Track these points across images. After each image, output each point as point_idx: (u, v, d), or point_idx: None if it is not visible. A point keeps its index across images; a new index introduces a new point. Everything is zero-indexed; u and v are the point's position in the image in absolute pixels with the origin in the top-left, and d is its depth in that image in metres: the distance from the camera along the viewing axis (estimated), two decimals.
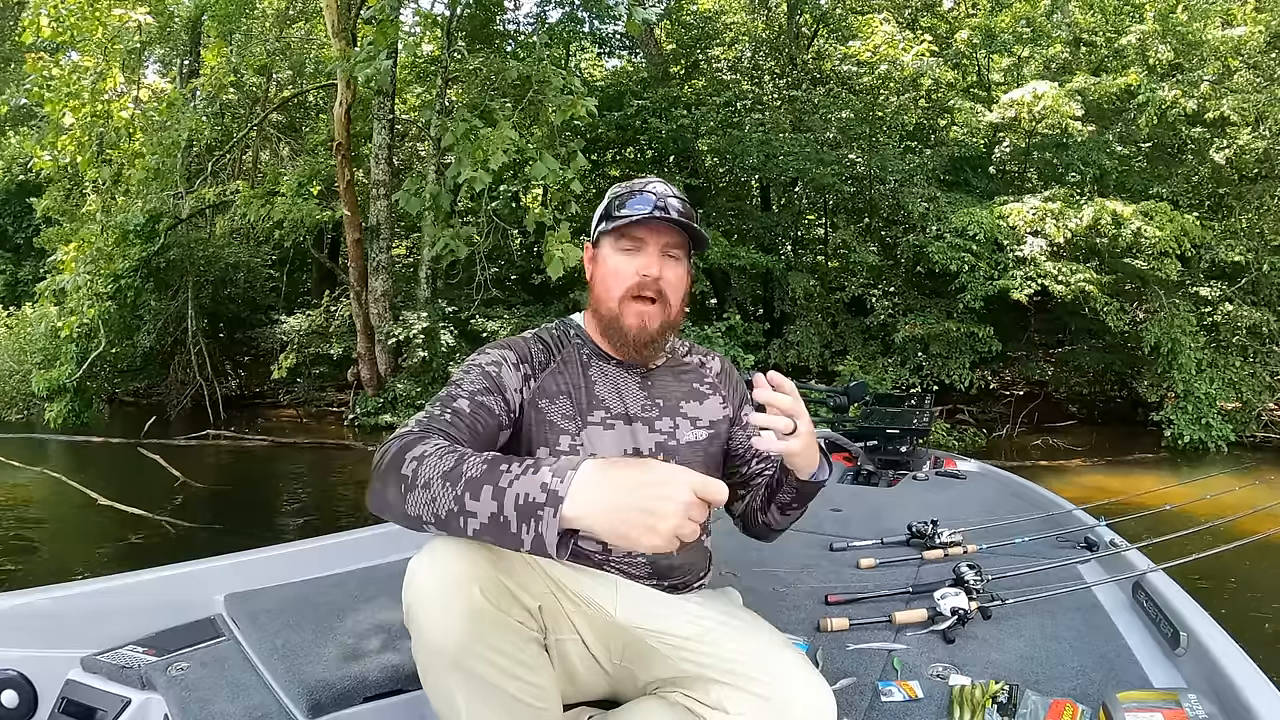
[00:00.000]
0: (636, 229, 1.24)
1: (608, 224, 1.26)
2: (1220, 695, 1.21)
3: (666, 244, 1.24)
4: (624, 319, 1.24)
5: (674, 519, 0.81)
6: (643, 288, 1.23)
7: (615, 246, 1.25)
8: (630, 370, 1.29)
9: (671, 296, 1.25)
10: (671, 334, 1.30)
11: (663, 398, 1.28)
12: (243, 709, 1.24)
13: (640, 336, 1.24)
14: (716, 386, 1.35)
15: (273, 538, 4.61)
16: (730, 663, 1.06)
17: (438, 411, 1.09)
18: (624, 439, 1.23)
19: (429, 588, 0.95)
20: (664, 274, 1.24)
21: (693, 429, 1.28)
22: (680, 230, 1.25)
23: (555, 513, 0.82)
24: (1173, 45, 8.81)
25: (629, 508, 0.82)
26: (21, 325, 10.37)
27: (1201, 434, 8.09)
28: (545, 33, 9.39)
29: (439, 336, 9.02)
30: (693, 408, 1.30)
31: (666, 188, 1.27)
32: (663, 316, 1.25)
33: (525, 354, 1.25)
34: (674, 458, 1.23)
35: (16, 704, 1.33)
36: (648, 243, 1.24)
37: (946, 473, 3.12)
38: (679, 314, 1.29)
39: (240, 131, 11.18)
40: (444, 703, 0.98)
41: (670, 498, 0.82)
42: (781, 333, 10.09)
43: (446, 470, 0.89)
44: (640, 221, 1.22)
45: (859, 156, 10.34)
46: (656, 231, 1.24)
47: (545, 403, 1.21)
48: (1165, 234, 7.93)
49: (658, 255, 1.24)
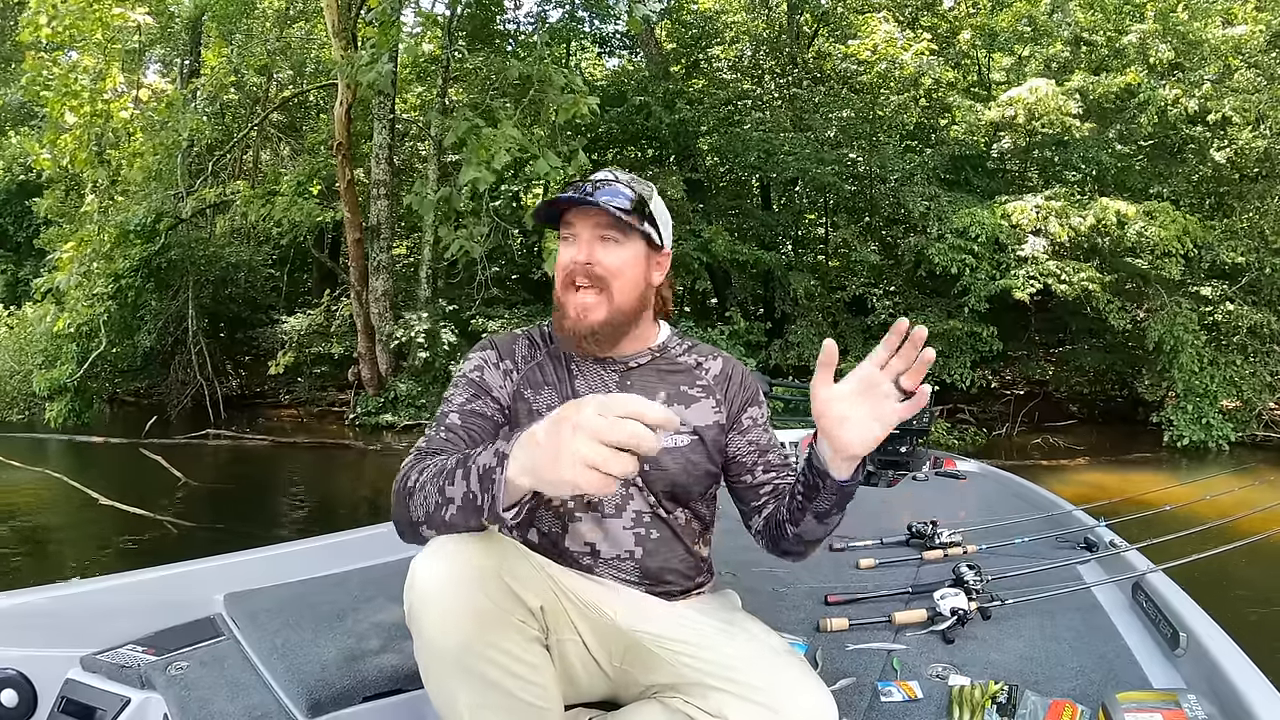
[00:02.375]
0: (567, 216, 1.21)
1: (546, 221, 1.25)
2: (1220, 696, 1.21)
3: (597, 224, 1.18)
4: (565, 310, 1.21)
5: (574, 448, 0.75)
6: (573, 275, 1.19)
7: (560, 239, 1.23)
8: (609, 367, 1.25)
9: (613, 282, 1.18)
10: (627, 325, 1.22)
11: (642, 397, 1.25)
12: (242, 708, 1.24)
13: (578, 328, 1.19)
14: (711, 389, 1.26)
15: (273, 537, 4.62)
16: (730, 669, 1.06)
17: (434, 432, 1.14)
18: None
19: (431, 587, 0.95)
20: (596, 258, 1.18)
21: (670, 434, 1.17)
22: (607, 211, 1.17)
23: (503, 471, 0.83)
24: (1173, 44, 8.79)
25: (543, 447, 0.80)
26: (22, 325, 10.39)
27: (1202, 434, 8.09)
28: (546, 32, 9.38)
29: (440, 336, 9.03)
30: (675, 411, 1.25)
31: (609, 172, 1.23)
32: (607, 306, 1.18)
33: (508, 350, 1.26)
34: (646, 462, 1.11)
35: (16, 703, 1.33)
36: (577, 227, 1.20)
37: (946, 473, 3.11)
38: (634, 303, 1.22)
39: (241, 131, 11.18)
40: (446, 703, 0.98)
41: (576, 425, 0.76)
42: (782, 332, 10.09)
43: (435, 472, 0.96)
44: (564, 208, 1.20)
45: (859, 155, 10.34)
46: (584, 214, 1.19)
47: (530, 393, 1.22)
48: (1168, 234, 7.93)
49: (588, 240, 1.19)
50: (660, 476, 1.20)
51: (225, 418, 9.72)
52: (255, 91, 11.89)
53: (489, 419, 1.17)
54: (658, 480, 1.20)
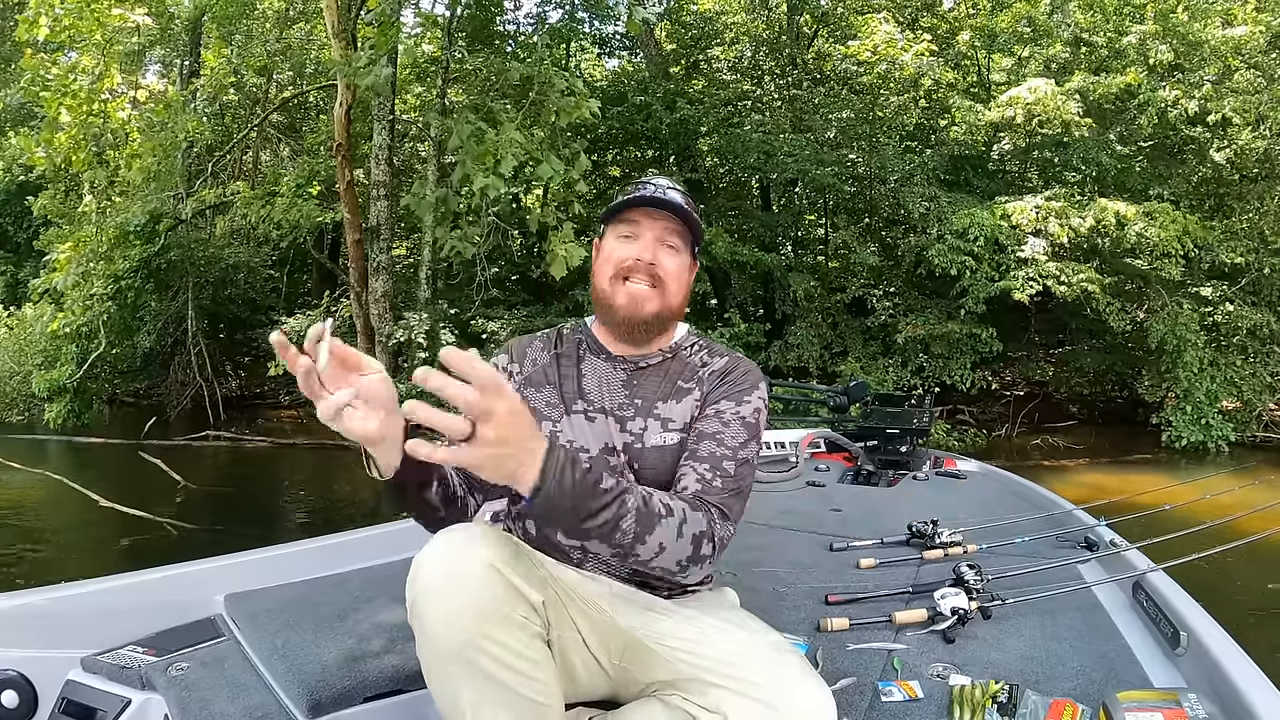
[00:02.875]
0: (632, 213, 1.26)
1: (609, 215, 1.29)
2: (1220, 695, 1.21)
3: (664, 229, 1.26)
4: (615, 299, 1.25)
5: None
6: (634, 270, 1.24)
7: (614, 234, 1.28)
8: (619, 366, 1.29)
9: (669, 285, 1.26)
10: (670, 325, 1.31)
11: (642, 397, 1.26)
12: (243, 709, 1.24)
13: (635, 315, 1.24)
14: (702, 382, 1.27)
15: (273, 538, 4.61)
16: (729, 666, 1.06)
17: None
18: (602, 433, 1.24)
19: (434, 583, 0.96)
20: (660, 261, 1.25)
21: (662, 431, 1.22)
22: (677, 219, 1.26)
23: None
24: (1173, 45, 8.80)
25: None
26: (22, 326, 10.38)
27: (1202, 434, 8.09)
28: (546, 33, 9.38)
29: (439, 337, 9.02)
30: (668, 408, 1.24)
31: (669, 181, 1.30)
32: (661, 302, 1.25)
33: (520, 354, 1.32)
34: (638, 461, 1.21)
35: (16, 704, 1.33)
36: (643, 227, 1.25)
37: (946, 473, 3.12)
38: (680, 306, 1.30)
39: (240, 132, 11.17)
40: (448, 698, 0.98)
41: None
42: (782, 334, 10.08)
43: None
44: (635, 205, 1.25)
45: (859, 156, 10.33)
46: (652, 217, 1.25)
47: (530, 391, 1.27)
48: (1167, 235, 7.93)
49: (653, 241, 1.25)
50: (649, 473, 1.21)
51: (225, 419, 9.71)
52: (255, 92, 11.88)
53: None
54: (647, 477, 1.21)
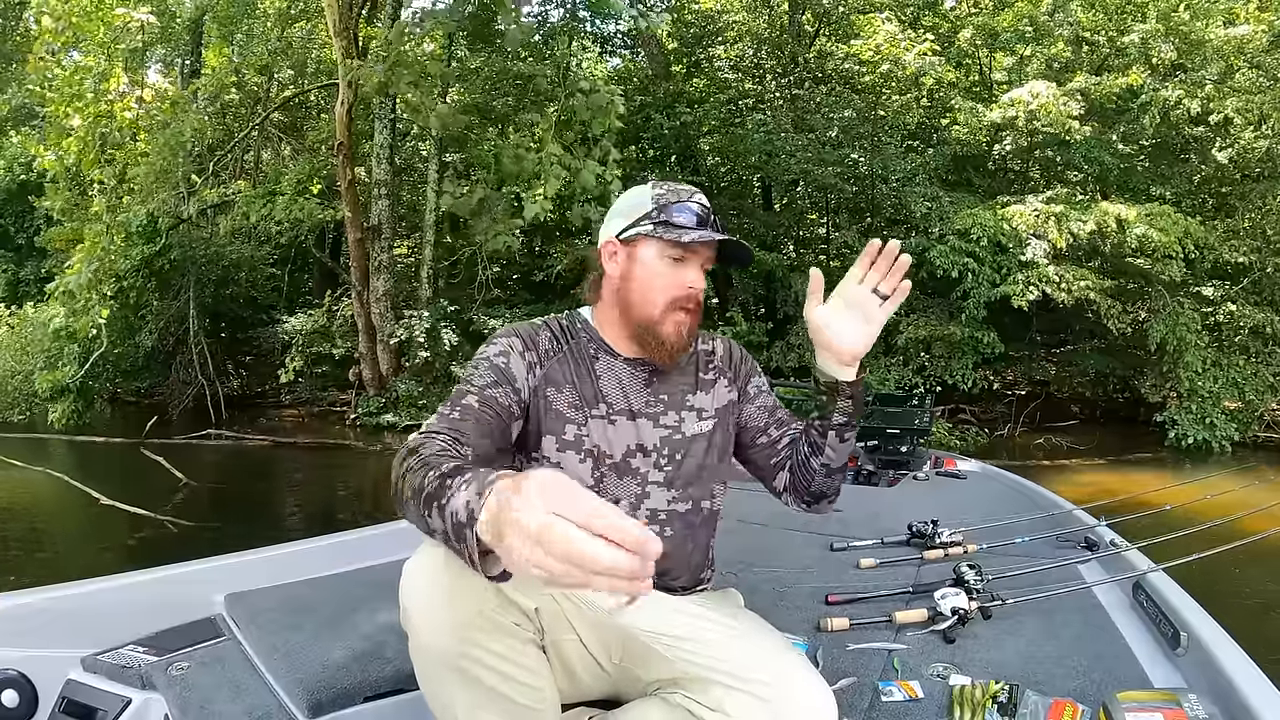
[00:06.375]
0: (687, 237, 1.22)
1: (656, 229, 1.21)
2: (1220, 695, 1.21)
3: (709, 258, 1.26)
4: (663, 327, 1.23)
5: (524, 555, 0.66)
6: (690, 300, 1.24)
7: (662, 253, 1.23)
8: (637, 367, 1.27)
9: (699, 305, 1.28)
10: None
11: (667, 392, 1.28)
12: (243, 709, 1.24)
13: (679, 345, 1.25)
14: (722, 370, 1.35)
15: (274, 537, 4.61)
16: (730, 664, 1.06)
17: (448, 410, 1.11)
18: (627, 434, 1.23)
19: (423, 590, 0.95)
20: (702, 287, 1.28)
21: (699, 421, 1.28)
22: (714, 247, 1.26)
23: (474, 532, 0.73)
24: (1175, 45, 8.78)
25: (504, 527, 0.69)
26: (23, 325, 10.38)
27: (1206, 434, 8.08)
28: (550, 32, 9.38)
29: (441, 336, 9.03)
30: (698, 399, 1.30)
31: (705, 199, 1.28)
32: (695, 325, 1.27)
33: (532, 340, 1.24)
34: (681, 452, 1.25)
35: (17, 704, 1.33)
36: (699, 255, 1.24)
37: (947, 472, 3.11)
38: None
39: (242, 131, 11.18)
40: (442, 705, 0.98)
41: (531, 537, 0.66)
42: (784, 334, 10.08)
43: (415, 488, 0.86)
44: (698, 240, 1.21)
45: (861, 156, 10.32)
46: (706, 245, 1.24)
47: (552, 391, 1.21)
48: (1169, 238, 7.92)
49: (700, 268, 1.25)
50: (691, 461, 1.25)
51: (226, 418, 9.72)
52: (256, 91, 11.88)
53: (504, 409, 1.15)
54: (689, 465, 1.25)
